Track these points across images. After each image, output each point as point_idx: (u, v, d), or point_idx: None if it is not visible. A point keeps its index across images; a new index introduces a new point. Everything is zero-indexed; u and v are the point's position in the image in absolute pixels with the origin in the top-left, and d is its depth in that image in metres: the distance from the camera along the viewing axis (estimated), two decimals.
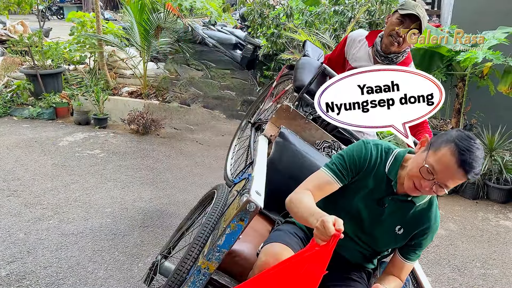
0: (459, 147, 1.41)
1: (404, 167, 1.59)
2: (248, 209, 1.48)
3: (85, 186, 4.20)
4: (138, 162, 4.87)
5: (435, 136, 1.56)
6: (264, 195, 1.60)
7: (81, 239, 3.30)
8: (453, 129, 2.42)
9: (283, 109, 2.21)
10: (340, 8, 5.30)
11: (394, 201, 1.62)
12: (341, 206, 1.67)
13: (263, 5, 5.72)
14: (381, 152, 1.64)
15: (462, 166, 1.40)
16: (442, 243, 3.36)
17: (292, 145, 2.12)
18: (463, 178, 1.43)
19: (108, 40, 7.06)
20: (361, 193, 1.64)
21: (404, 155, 1.63)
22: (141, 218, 3.65)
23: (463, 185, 4.13)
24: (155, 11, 6.56)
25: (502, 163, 4.09)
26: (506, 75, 4.09)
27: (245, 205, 1.48)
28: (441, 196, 3.87)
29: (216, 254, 1.54)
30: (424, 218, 1.63)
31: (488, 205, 4.05)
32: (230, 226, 1.52)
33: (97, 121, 6.18)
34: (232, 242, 1.54)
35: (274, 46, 5.80)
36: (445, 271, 3.01)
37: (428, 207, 1.64)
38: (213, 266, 1.55)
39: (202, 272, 1.56)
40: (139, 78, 7.15)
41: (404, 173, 1.57)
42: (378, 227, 1.66)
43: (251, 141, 2.68)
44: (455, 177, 1.43)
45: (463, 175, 1.42)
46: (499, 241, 3.41)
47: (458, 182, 1.47)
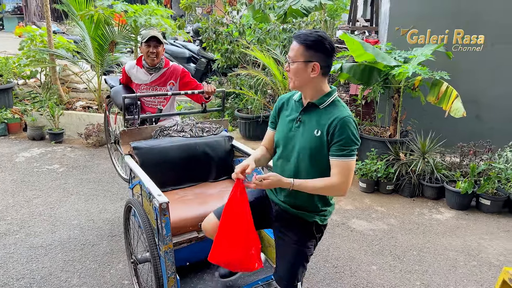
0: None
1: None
2: (164, 208, 2.15)
3: (48, 201, 4.27)
4: (99, 175, 4.98)
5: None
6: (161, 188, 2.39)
7: (51, 251, 3.41)
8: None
9: (122, 133, 2.96)
10: (288, 26, 5.73)
11: (305, 112, 2.04)
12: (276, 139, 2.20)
13: (217, 23, 6.04)
14: (287, 95, 2.23)
15: (294, 38, 1.96)
16: (385, 236, 3.80)
17: (145, 147, 2.89)
18: (293, 43, 1.96)
19: (61, 54, 7.06)
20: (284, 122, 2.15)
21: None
22: (108, 228, 3.80)
23: (402, 184, 4.64)
24: (108, 25, 6.67)
25: (434, 164, 4.64)
26: (434, 87, 4.66)
27: (161, 208, 2.14)
28: (384, 193, 4.27)
29: (167, 239, 2.20)
30: (334, 113, 1.95)
31: (423, 202, 4.57)
32: (162, 222, 2.17)
33: (53, 136, 6.18)
34: (170, 228, 2.20)
35: (228, 61, 6.12)
36: (387, 259, 3.43)
37: (332, 104, 2.00)
38: (171, 245, 2.23)
39: (168, 251, 2.22)
40: (93, 92, 7.20)
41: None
42: (301, 138, 2.03)
43: (121, 152, 3.43)
44: (292, 47, 1.96)
45: (295, 43, 1.94)
46: (432, 232, 3.90)
47: (292, 47, 1.96)
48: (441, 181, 4.58)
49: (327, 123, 1.94)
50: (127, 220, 2.92)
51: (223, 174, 3.15)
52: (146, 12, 6.24)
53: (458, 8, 5.21)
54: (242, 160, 2.96)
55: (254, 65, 6.28)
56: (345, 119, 1.91)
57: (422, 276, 3.21)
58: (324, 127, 1.94)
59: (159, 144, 2.94)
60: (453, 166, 4.74)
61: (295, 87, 2.02)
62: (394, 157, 4.75)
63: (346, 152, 1.90)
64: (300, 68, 1.93)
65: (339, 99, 2.03)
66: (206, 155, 3.05)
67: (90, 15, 6.36)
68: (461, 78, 5.14)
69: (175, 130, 3.10)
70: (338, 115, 1.93)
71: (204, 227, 2.37)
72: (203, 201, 2.79)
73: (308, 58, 1.91)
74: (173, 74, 3.61)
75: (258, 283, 2.57)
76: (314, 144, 1.96)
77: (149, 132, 3.07)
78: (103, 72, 7.25)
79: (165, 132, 3.08)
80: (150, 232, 2.36)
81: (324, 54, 1.92)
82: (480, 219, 4.16)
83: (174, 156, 2.93)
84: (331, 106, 1.99)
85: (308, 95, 2.03)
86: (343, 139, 1.90)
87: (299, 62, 1.92)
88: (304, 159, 2.01)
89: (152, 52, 3.44)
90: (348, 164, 1.91)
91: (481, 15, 5.17)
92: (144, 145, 2.89)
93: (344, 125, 1.90)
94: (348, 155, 1.91)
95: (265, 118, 5.82)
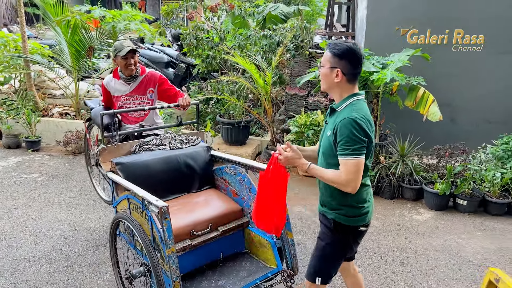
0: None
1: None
2: (165, 212, 2.21)
3: (29, 211, 4.19)
4: (81, 183, 4.90)
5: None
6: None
7: (35, 263, 3.35)
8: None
9: (101, 151, 3.01)
10: (269, 32, 5.80)
11: (330, 116, 2.20)
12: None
13: (198, 29, 6.06)
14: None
15: (326, 45, 2.16)
16: (368, 238, 3.90)
17: (128, 162, 2.89)
18: (326, 52, 2.13)
19: (36, 60, 6.92)
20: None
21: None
22: (93, 238, 3.75)
23: (382, 187, 4.77)
24: (86, 30, 6.59)
25: (412, 166, 4.79)
26: (411, 92, 4.81)
27: (161, 212, 2.19)
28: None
29: (169, 242, 2.24)
30: (342, 114, 2.07)
31: (403, 203, 4.71)
32: (164, 226, 2.21)
33: (30, 144, 6.05)
34: (172, 233, 2.26)
35: (209, 67, 6.14)
36: (371, 261, 3.53)
37: (346, 107, 2.10)
38: (173, 248, 2.26)
39: (172, 255, 2.26)
40: (70, 98, 7.07)
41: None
42: (322, 137, 2.22)
43: (103, 174, 3.63)
44: (324, 55, 2.15)
45: (327, 51, 2.13)
46: (413, 233, 4.03)
47: (324, 56, 2.14)
48: (420, 182, 4.73)
49: (336, 125, 2.06)
50: (114, 237, 2.89)
51: (205, 184, 3.21)
52: (125, 17, 6.19)
53: (433, 13, 5.37)
54: (223, 168, 3.06)
55: (234, 70, 6.32)
56: (347, 119, 2.01)
57: (405, 277, 3.32)
58: (333, 129, 2.08)
59: (141, 158, 2.97)
60: (430, 168, 4.91)
61: (324, 89, 2.21)
62: (374, 160, 4.88)
63: (349, 151, 1.99)
64: (326, 72, 2.13)
65: (356, 103, 2.11)
66: (188, 166, 3.11)
67: (67, 20, 6.26)
68: (436, 82, 5.31)
69: (154, 144, 3.14)
70: (344, 117, 2.04)
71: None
72: (190, 209, 2.83)
73: (333, 65, 2.09)
74: (151, 81, 3.62)
75: (256, 282, 2.61)
76: (327, 144, 2.14)
77: (128, 148, 3.12)
78: (80, 77, 7.14)
79: (145, 147, 3.11)
80: (148, 241, 2.37)
81: (349, 62, 2.07)
82: (457, 219, 4.32)
83: (156, 169, 2.96)
84: (345, 109, 2.10)
85: (335, 99, 2.20)
86: (343, 138, 2.00)
87: (326, 68, 2.12)
88: (322, 158, 2.19)
89: (130, 64, 3.45)
90: (352, 163, 1.99)
91: (459, 18, 5.32)
92: (126, 160, 2.91)
93: (345, 125, 2.01)
94: (352, 154, 1.98)
95: (247, 123, 5.86)
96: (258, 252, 2.84)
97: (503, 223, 4.25)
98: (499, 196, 4.46)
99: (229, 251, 2.88)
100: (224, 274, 2.67)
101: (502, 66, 5.40)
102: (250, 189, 2.87)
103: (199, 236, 2.66)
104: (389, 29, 5.53)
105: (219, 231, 2.76)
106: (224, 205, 2.91)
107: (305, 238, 3.82)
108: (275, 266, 2.72)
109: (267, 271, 2.69)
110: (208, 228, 2.71)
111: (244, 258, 2.88)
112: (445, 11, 5.35)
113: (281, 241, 2.70)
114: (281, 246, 2.71)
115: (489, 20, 5.26)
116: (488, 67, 5.43)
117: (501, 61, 5.38)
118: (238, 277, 2.65)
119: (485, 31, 5.30)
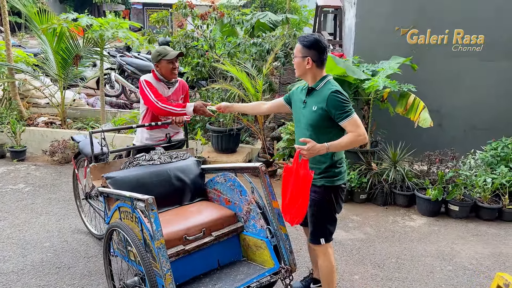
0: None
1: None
2: (151, 203, 2.25)
3: (16, 223, 4.06)
4: (69, 193, 4.78)
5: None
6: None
7: (23, 276, 3.23)
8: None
9: (92, 168, 3.04)
10: (258, 40, 5.80)
11: (308, 96, 2.65)
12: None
13: (187, 37, 6.02)
14: (300, 86, 2.82)
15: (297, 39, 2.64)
16: (363, 245, 3.89)
17: (119, 176, 2.88)
18: (297, 45, 2.60)
19: (20, 68, 6.79)
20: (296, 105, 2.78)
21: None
22: (84, 249, 3.65)
23: (375, 193, 4.78)
24: (73, 39, 6.49)
25: (404, 172, 4.81)
26: (402, 99, 4.85)
27: (148, 203, 2.24)
28: (358, 203, 4.36)
29: (157, 234, 2.26)
30: (324, 91, 2.54)
31: (395, 210, 4.71)
32: (151, 217, 2.25)
33: (14, 154, 5.90)
34: (159, 225, 2.27)
35: (199, 74, 6.10)
36: (368, 268, 3.51)
37: (323, 86, 2.58)
38: (162, 240, 2.28)
39: (161, 246, 2.26)
40: (56, 107, 6.94)
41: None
42: (306, 114, 2.62)
43: (94, 207, 3.70)
44: (296, 47, 2.62)
45: (297, 43, 2.60)
46: (407, 239, 4.03)
47: (296, 48, 2.62)
48: (412, 189, 4.75)
49: (322, 100, 2.53)
50: (108, 248, 2.83)
51: (197, 196, 3.19)
52: (112, 25, 6.12)
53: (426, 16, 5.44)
54: (214, 179, 3.07)
55: (223, 78, 6.29)
56: (332, 93, 2.51)
57: (402, 283, 3.30)
58: (319, 104, 2.54)
59: (131, 172, 2.96)
60: (422, 174, 4.94)
61: (298, 76, 2.68)
62: (366, 167, 4.89)
63: (348, 113, 2.48)
64: (299, 61, 2.60)
65: (331, 81, 2.61)
66: (179, 179, 3.08)
67: (53, 28, 6.16)
68: (425, 88, 5.37)
69: (144, 159, 3.12)
70: (328, 92, 2.52)
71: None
72: (184, 217, 2.83)
73: (304, 54, 2.56)
74: (183, 88, 3.74)
75: (253, 281, 2.59)
76: (315, 117, 2.56)
77: (119, 165, 3.11)
78: (66, 86, 7.02)
79: (135, 163, 3.08)
80: (139, 244, 2.36)
81: (316, 51, 2.55)
82: (450, 225, 4.35)
83: (147, 182, 2.94)
84: (324, 87, 2.58)
85: (309, 82, 2.65)
86: (337, 106, 2.49)
87: (298, 57, 2.59)
88: (310, 130, 2.60)
89: (175, 68, 3.53)
90: (355, 118, 2.48)
91: (459, 18, 5.40)
92: (116, 175, 2.90)
93: (333, 97, 2.50)
94: (350, 113, 2.49)
95: (238, 130, 5.82)
96: (255, 256, 2.82)
97: (495, 228, 4.29)
98: (490, 201, 4.50)
99: (226, 259, 2.85)
100: (221, 279, 2.64)
101: (493, 74, 5.51)
102: (241, 192, 2.88)
103: (192, 241, 2.64)
104: (378, 36, 5.59)
105: (213, 236, 2.74)
106: (216, 211, 2.91)
107: (300, 246, 3.79)
108: (272, 266, 2.69)
109: (265, 271, 2.68)
110: (201, 232, 2.69)
111: (241, 264, 2.86)
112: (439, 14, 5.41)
113: (275, 238, 2.70)
114: (277, 244, 2.71)
115: (489, 20, 5.34)
116: (479, 74, 5.54)
117: (491, 68, 5.49)
118: (236, 280, 2.61)
119: (485, 33, 5.39)
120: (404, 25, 5.49)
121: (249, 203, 2.83)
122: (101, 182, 2.88)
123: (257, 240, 2.77)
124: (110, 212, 2.80)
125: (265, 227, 2.73)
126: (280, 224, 2.71)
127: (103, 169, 3.04)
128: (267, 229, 2.73)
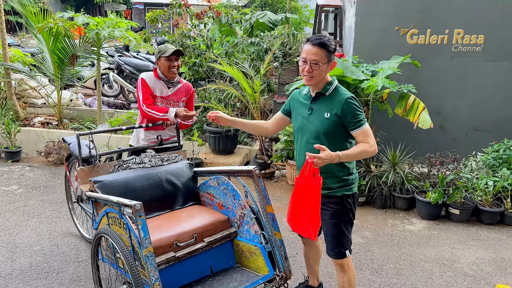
0: (308, 38, 2.41)
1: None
2: (138, 209, 2.14)
3: (6, 225, 3.98)
4: (62, 195, 4.69)
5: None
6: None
7: (11, 281, 3.15)
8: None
9: (79, 171, 2.94)
10: (256, 40, 5.71)
11: (315, 102, 2.49)
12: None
13: (184, 37, 5.94)
14: (296, 91, 2.69)
15: (309, 41, 2.37)
16: (361, 250, 3.79)
17: (107, 179, 2.79)
18: (312, 48, 2.33)
19: (17, 68, 6.72)
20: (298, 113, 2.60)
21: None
22: (74, 253, 3.57)
23: (374, 196, 4.68)
24: (69, 38, 6.41)
25: (404, 175, 4.71)
26: (401, 100, 4.75)
27: (135, 209, 2.13)
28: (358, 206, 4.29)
29: (146, 242, 2.16)
30: (336, 97, 2.42)
31: (395, 213, 4.62)
32: (139, 224, 2.14)
33: (9, 154, 5.83)
34: (148, 232, 2.17)
35: (196, 74, 6.02)
36: (365, 274, 3.41)
37: (334, 91, 2.45)
38: (151, 248, 2.18)
39: (149, 255, 2.17)
40: (53, 107, 6.87)
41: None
42: (315, 122, 2.46)
43: (86, 210, 3.58)
44: (311, 51, 2.33)
45: (311, 45, 2.34)
46: (406, 244, 3.93)
47: (313, 51, 2.33)
48: (412, 191, 4.65)
49: (336, 107, 2.39)
50: (96, 254, 2.74)
51: (189, 201, 3.08)
52: (109, 24, 6.04)
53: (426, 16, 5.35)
54: (207, 182, 2.96)
55: (221, 78, 6.21)
56: (347, 99, 2.39)
57: None
58: (333, 110, 2.40)
59: (120, 176, 2.86)
60: (422, 177, 4.84)
61: (314, 84, 2.44)
62: (365, 169, 4.79)
63: (362, 121, 2.38)
64: (323, 68, 2.37)
65: (339, 86, 2.49)
66: (170, 182, 2.98)
67: (49, 27, 6.08)
68: (425, 89, 5.27)
69: (134, 162, 3.02)
70: (341, 97, 2.39)
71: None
72: (175, 223, 2.73)
73: (330, 59, 2.38)
74: (186, 91, 3.67)
75: None
76: (328, 124, 2.42)
77: (108, 169, 3.00)
78: (63, 86, 6.94)
79: (124, 166, 2.99)
80: (127, 251, 2.27)
81: (333, 53, 2.38)
82: (450, 229, 4.25)
83: (137, 186, 2.84)
84: (334, 92, 2.44)
85: (317, 87, 2.47)
86: (353, 114, 2.37)
87: (324, 64, 2.36)
88: (322, 137, 2.43)
89: (173, 66, 3.44)
90: (368, 128, 2.40)
91: (459, 18, 5.30)
92: (105, 178, 2.79)
93: (348, 103, 2.38)
94: (364, 122, 2.39)
95: (235, 132, 5.74)
96: (249, 262, 2.72)
97: (497, 232, 4.19)
98: (492, 204, 4.40)
99: (218, 266, 2.75)
100: (213, 287, 2.54)
101: (494, 75, 5.40)
102: (234, 196, 2.78)
103: (183, 247, 2.54)
104: (378, 36, 5.49)
105: (205, 242, 2.64)
106: (209, 216, 2.80)
107: (296, 251, 3.70)
108: (267, 273, 2.60)
109: (259, 278, 2.58)
110: (193, 238, 2.59)
111: (235, 271, 2.75)
112: (439, 14, 5.31)
113: (270, 244, 2.61)
114: (271, 250, 2.61)
115: (489, 20, 5.24)
116: (480, 75, 5.42)
117: (492, 68, 5.38)
118: (229, 287, 2.52)
119: (485, 33, 5.28)
120: (404, 25, 5.39)
121: (242, 207, 2.74)
122: (89, 186, 2.79)
123: (251, 246, 2.68)
124: (98, 217, 2.71)
125: (259, 232, 2.64)
126: (274, 229, 2.61)
127: (91, 172, 2.94)
128: (261, 235, 2.63)
